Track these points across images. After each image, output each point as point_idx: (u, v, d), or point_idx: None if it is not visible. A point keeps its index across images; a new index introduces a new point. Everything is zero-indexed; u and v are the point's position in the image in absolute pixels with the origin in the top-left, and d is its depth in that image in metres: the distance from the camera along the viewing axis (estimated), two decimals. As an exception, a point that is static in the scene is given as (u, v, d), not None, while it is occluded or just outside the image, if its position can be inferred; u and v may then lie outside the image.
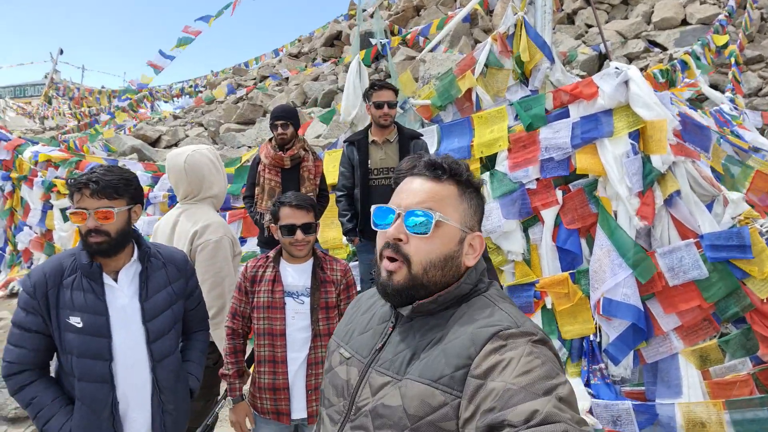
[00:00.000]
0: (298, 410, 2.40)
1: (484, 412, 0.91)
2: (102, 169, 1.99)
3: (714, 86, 8.72)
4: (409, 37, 9.37)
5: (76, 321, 1.91)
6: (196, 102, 12.07)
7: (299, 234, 2.39)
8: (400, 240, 1.10)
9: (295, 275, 2.46)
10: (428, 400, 0.99)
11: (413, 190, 1.13)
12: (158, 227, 2.93)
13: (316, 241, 4.31)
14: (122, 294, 2.01)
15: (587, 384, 3.58)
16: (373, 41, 6.34)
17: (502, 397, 0.90)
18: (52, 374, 2.08)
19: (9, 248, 7.62)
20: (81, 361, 1.92)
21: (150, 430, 2.06)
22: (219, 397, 3.02)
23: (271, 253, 2.54)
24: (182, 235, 2.76)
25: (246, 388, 2.58)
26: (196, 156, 2.86)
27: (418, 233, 1.09)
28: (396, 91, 3.76)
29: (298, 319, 2.40)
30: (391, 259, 1.11)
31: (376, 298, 1.31)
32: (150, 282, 2.08)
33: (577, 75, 9.59)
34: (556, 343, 3.84)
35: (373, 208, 1.16)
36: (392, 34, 15.43)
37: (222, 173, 3.00)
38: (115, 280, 2.02)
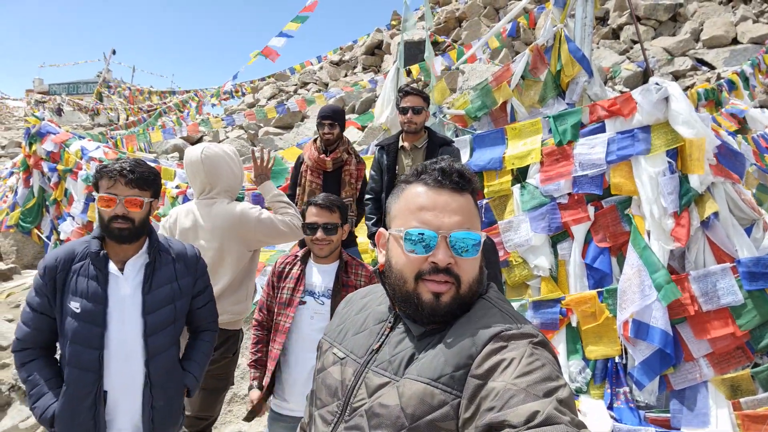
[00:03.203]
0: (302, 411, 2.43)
1: (484, 412, 0.90)
2: (132, 160, 2.06)
3: (764, 107, 8.38)
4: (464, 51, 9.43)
5: (75, 306, 1.96)
6: (248, 117, 12.28)
7: (320, 233, 2.42)
8: (450, 263, 1.06)
9: (320, 276, 2.49)
10: (427, 399, 0.98)
11: (447, 208, 1.08)
12: (176, 222, 2.94)
13: (355, 244, 4.31)
14: (126, 284, 2.04)
15: (610, 407, 3.47)
16: (427, 59, 6.29)
17: (502, 397, 0.90)
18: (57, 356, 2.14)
19: (54, 237, 7.94)
20: (72, 346, 1.96)
21: (140, 422, 2.06)
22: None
23: (300, 252, 2.58)
24: (213, 235, 2.81)
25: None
26: (213, 148, 2.94)
27: (466, 255, 1.07)
28: (425, 98, 3.74)
29: (317, 320, 2.42)
30: (441, 282, 1.07)
31: (370, 297, 1.31)
32: (155, 275, 2.09)
33: (620, 91, 9.39)
34: (580, 363, 3.74)
35: (402, 231, 1.09)
36: (434, 44, 15.46)
37: (239, 168, 3.05)
38: (122, 270, 2.05)
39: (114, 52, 30.73)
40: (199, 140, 14.19)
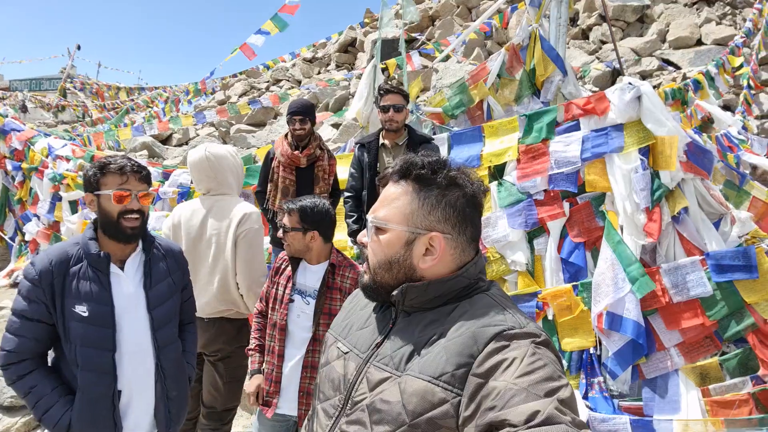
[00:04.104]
0: (286, 408, 2.46)
1: (485, 411, 0.91)
2: (128, 158, 2.09)
3: (727, 107, 8.69)
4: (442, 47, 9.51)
5: (81, 310, 1.92)
6: (220, 114, 12.03)
7: (279, 232, 2.55)
8: (363, 244, 1.19)
9: (309, 275, 2.54)
10: (428, 396, 0.99)
11: (381, 196, 1.20)
12: (181, 216, 2.99)
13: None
14: (128, 283, 2.05)
15: (585, 396, 3.56)
16: (401, 51, 6.33)
17: (503, 396, 0.90)
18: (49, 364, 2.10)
19: (18, 238, 7.69)
20: (84, 350, 1.92)
21: (153, 417, 2.09)
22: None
23: None
24: (221, 222, 2.88)
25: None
26: (216, 148, 3.03)
27: (367, 239, 1.19)
28: (405, 96, 3.77)
29: (303, 319, 2.48)
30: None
31: None
32: (153, 271, 2.13)
33: (590, 90, 9.59)
34: (557, 355, 3.83)
35: None
36: (407, 42, 15.50)
37: (241, 167, 3.15)
38: (121, 269, 2.06)
39: (79, 48, 29.76)
40: (169, 138, 13.90)
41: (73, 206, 6.63)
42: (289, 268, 2.57)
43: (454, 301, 1.13)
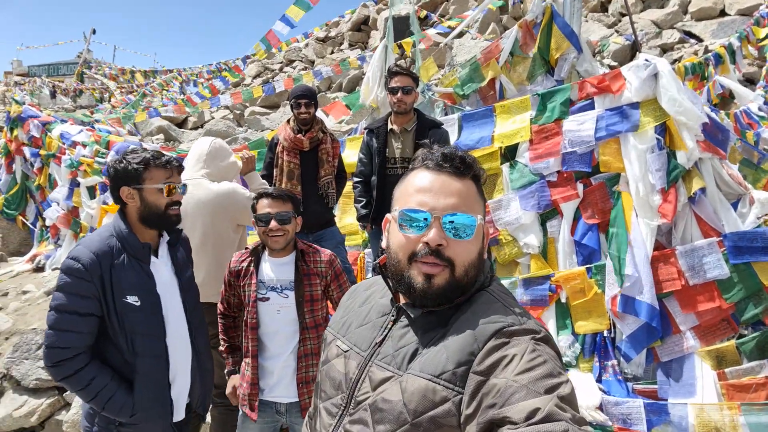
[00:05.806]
0: (279, 395, 2.44)
1: (486, 409, 0.91)
2: (157, 151, 2.19)
3: (750, 80, 8.41)
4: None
5: (133, 300, 2.00)
6: (234, 98, 12.02)
7: (273, 223, 2.37)
8: (441, 245, 1.06)
9: (278, 269, 2.46)
10: (429, 395, 0.99)
11: (443, 190, 1.08)
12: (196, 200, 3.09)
13: (334, 223, 4.35)
14: (164, 268, 2.16)
15: (599, 380, 3.54)
16: (414, 34, 6.22)
17: (504, 393, 0.90)
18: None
19: (39, 223, 7.84)
20: (141, 338, 2.03)
21: (188, 393, 2.22)
22: None
23: (251, 245, 2.57)
24: (200, 200, 3.02)
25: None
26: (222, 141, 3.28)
27: (460, 237, 1.06)
28: (414, 78, 3.71)
29: (284, 313, 2.42)
30: (432, 264, 1.07)
31: (373, 289, 1.30)
32: (179, 257, 2.25)
33: (608, 65, 9.34)
34: (570, 338, 3.80)
35: (400, 210, 1.11)
36: (420, 19, 15.24)
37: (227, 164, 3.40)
38: (155, 256, 2.17)
39: (94, 32, 30.02)
40: (184, 121, 13.97)
41: (91, 191, 6.73)
42: (252, 267, 2.47)
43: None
